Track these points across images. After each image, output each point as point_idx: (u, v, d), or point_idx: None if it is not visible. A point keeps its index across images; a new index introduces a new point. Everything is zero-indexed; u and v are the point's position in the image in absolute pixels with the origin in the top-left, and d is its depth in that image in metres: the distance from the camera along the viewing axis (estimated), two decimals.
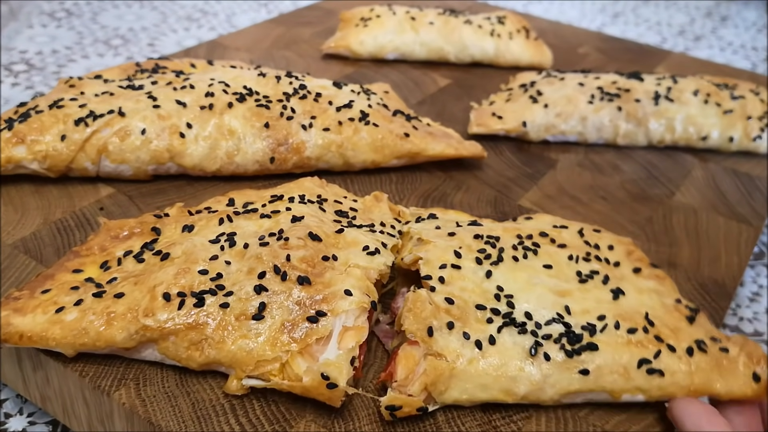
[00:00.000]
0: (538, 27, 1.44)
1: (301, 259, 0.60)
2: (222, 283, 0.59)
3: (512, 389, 0.57)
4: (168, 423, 0.54)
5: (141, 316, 0.56)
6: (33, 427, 0.67)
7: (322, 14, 1.41)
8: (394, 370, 0.56)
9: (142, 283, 0.59)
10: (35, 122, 0.79)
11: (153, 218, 0.69)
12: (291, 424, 0.55)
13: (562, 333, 0.59)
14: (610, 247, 0.71)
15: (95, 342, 0.56)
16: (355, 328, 0.57)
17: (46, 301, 0.59)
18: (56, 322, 0.57)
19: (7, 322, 0.57)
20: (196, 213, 0.70)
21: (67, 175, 0.80)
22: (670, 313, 0.63)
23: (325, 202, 0.73)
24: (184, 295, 0.57)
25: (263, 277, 0.59)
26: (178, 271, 0.59)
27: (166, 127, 0.81)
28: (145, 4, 1.72)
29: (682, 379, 0.58)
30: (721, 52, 1.79)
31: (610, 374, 0.58)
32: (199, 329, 0.56)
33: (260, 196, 0.73)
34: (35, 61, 1.39)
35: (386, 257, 0.64)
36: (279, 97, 0.87)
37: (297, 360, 0.55)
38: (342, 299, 0.58)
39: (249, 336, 0.56)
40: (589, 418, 0.58)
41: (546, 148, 0.99)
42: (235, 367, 0.56)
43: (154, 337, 0.56)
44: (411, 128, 0.90)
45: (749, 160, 1.00)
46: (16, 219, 0.75)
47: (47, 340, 0.56)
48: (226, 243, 0.63)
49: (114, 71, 0.92)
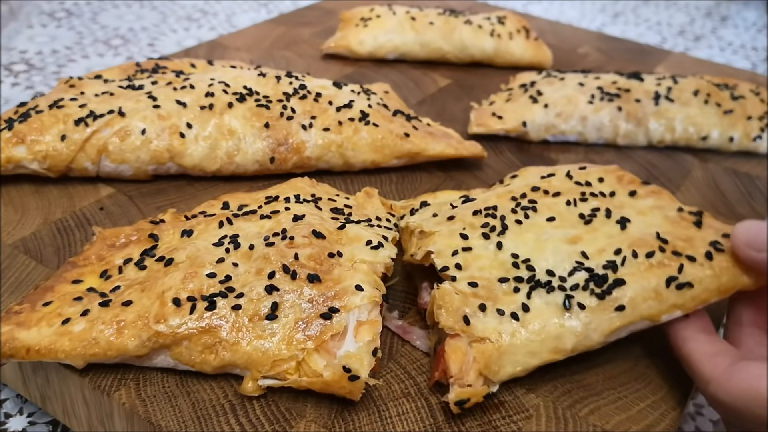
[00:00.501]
0: (538, 27, 1.44)
1: (308, 257, 0.60)
2: (232, 285, 0.58)
3: (560, 347, 0.58)
4: (168, 423, 0.54)
5: (152, 322, 0.56)
6: (33, 427, 0.67)
7: (322, 14, 1.41)
8: (445, 367, 0.57)
9: (149, 289, 0.59)
10: (35, 122, 0.79)
11: (149, 225, 0.68)
12: (291, 424, 0.55)
13: (587, 279, 0.60)
14: (600, 180, 0.72)
15: (106, 351, 0.56)
16: (369, 322, 0.57)
17: (49, 314, 0.58)
18: (64, 333, 0.56)
19: (12, 337, 0.56)
20: (192, 218, 0.70)
21: (67, 175, 0.80)
22: (677, 224, 0.65)
23: (320, 201, 0.73)
24: (194, 299, 0.57)
25: (273, 276, 0.59)
26: (185, 276, 0.59)
27: (166, 127, 0.81)
28: (145, 4, 1.72)
29: (710, 283, 0.60)
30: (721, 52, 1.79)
31: (644, 302, 0.59)
32: (212, 332, 0.56)
33: (254, 199, 0.73)
34: (35, 61, 1.39)
35: (389, 250, 0.64)
36: (279, 97, 0.87)
37: (314, 357, 0.55)
38: (353, 294, 0.58)
39: (264, 336, 0.56)
40: (590, 418, 0.58)
41: (546, 148, 0.99)
42: (250, 368, 0.56)
43: (167, 342, 0.56)
44: (411, 128, 0.90)
45: (749, 160, 1.00)
46: (16, 219, 0.75)
47: (56, 353, 0.56)
48: (231, 245, 0.62)
49: (114, 71, 0.92)
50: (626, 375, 0.63)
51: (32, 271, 0.68)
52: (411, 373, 0.61)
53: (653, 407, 0.60)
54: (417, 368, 0.62)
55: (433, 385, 0.60)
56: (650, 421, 0.59)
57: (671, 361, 0.65)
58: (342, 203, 0.74)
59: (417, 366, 0.62)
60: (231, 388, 0.58)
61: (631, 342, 0.66)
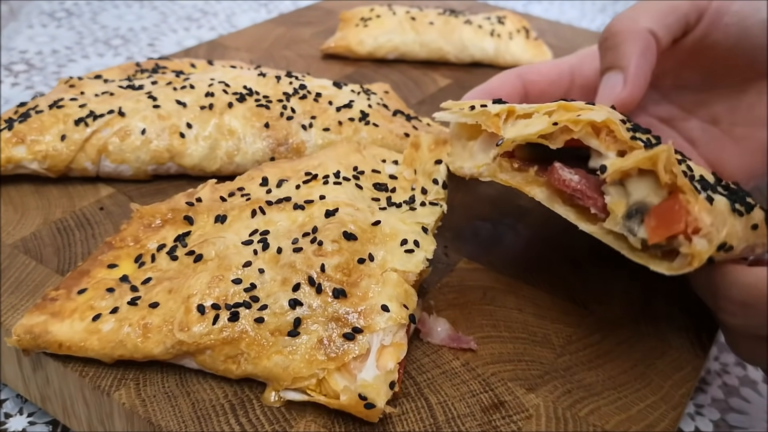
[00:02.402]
0: (538, 27, 1.44)
1: (335, 267, 0.59)
2: (256, 295, 0.58)
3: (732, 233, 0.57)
4: (168, 423, 0.54)
5: (176, 330, 0.56)
6: (33, 427, 0.67)
7: (322, 14, 1.41)
8: (690, 221, 0.53)
9: (176, 291, 0.59)
10: (35, 122, 0.79)
11: (185, 205, 0.69)
12: (291, 424, 0.55)
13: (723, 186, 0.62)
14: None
15: (133, 354, 0.57)
16: (393, 345, 0.56)
17: (83, 305, 0.59)
18: (94, 332, 0.58)
19: (46, 330, 0.58)
20: (229, 196, 0.69)
21: (67, 175, 0.81)
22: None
23: (362, 176, 0.72)
24: (218, 307, 0.57)
25: (298, 289, 0.58)
26: (211, 279, 0.59)
27: (166, 127, 0.81)
28: (145, 4, 1.72)
29: None
30: None
31: None
32: (234, 344, 0.56)
33: (295, 171, 0.72)
34: (35, 61, 1.39)
35: (426, 249, 0.63)
36: (279, 97, 0.87)
37: (334, 376, 0.55)
38: (379, 315, 0.57)
39: (284, 353, 0.56)
40: (590, 418, 0.58)
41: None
42: (271, 380, 0.56)
43: (191, 351, 0.56)
44: (411, 128, 0.90)
45: None
46: (16, 219, 0.75)
47: (86, 351, 0.57)
48: (259, 245, 0.62)
49: (114, 71, 0.92)
50: (626, 375, 0.63)
51: (32, 271, 0.68)
52: (411, 373, 0.61)
53: (653, 407, 0.60)
54: (417, 368, 0.62)
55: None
56: (650, 421, 0.59)
57: (671, 361, 0.65)
58: (388, 174, 0.73)
59: (417, 366, 0.62)
60: (231, 388, 0.58)
61: (631, 342, 0.66)
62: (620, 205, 0.57)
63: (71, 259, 0.70)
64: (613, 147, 0.59)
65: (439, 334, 0.64)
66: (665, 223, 0.55)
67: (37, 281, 0.67)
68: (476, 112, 0.66)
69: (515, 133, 0.63)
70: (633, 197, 0.57)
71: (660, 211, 0.55)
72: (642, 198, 0.56)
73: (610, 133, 0.59)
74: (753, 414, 0.75)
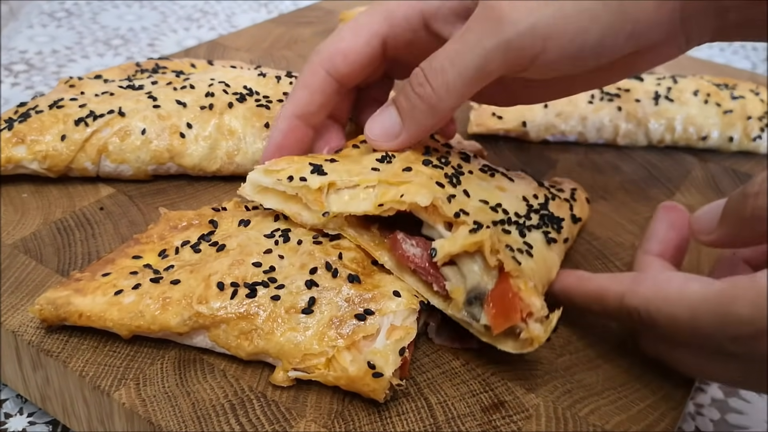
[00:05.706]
0: None
1: (352, 259, 0.62)
2: (274, 276, 0.60)
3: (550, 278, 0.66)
4: (168, 423, 0.54)
5: (195, 302, 0.58)
6: (33, 427, 0.67)
7: (322, 14, 1.41)
8: (524, 307, 0.56)
9: (198, 271, 0.61)
10: (35, 122, 0.79)
11: (211, 211, 0.71)
12: (291, 424, 0.55)
13: (539, 219, 0.68)
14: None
15: (150, 325, 0.58)
16: (402, 327, 0.57)
17: (105, 284, 0.61)
18: (114, 303, 0.59)
19: (68, 302, 0.59)
20: (253, 209, 0.71)
21: (67, 175, 0.81)
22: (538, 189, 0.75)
23: None
24: (237, 285, 0.59)
25: (315, 272, 0.60)
26: (232, 262, 0.61)
27: (166, 127, 0.81)
28: (145, 4, 1.72)
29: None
30: (721, 52, 1.79)
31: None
32: (249, 319, 0.58)
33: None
34: (35, 61, 1.39)
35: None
36: (279, 97, 0.87)
37: (343, 354, 0.56)
38: (390, 299, 0.59)
39: (297, 329, 0.57)
40: (589, 418, 0.58)
41: (546, 148, 0.99)
42: (282, 358, 0.57)
43: (206, 324, 0.58)
44: None
45: (749, 160, 1.00)
46: (16, 219, 0.75)
47: (105, 321, 0.59)
48: (281, 238, 0.64)
49: (114, 71, 0.92)
50: (626, 375, 0.63)
51: (32, 271, 0.68)
52: (411, 373, 0.61)
53: (653, 407, 0.60)
54: (417, 368, 0.62)
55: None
56: (650, 421, 0.59)
57: None
58: None
59: (417, 366, 0.62)
60: (231, 388, 0.58)
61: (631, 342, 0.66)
62: (459, 292, 0.59)
63: (71, 259, 0.70)
64: (440, 219, 0.61)
65: (440, 334, 0.65)
66: (503, 314, 0.57)
67: (37, 281, 0.67)
68: (295, 186, 0.63)
69: (341, 207, 0.63)
70: (469, 281, 0.59)
71: (497, 299, 0.58)
72: (477, 282, 0.59)
73: (435, 210, 0.60)
74: (753, 414, 0.75)
